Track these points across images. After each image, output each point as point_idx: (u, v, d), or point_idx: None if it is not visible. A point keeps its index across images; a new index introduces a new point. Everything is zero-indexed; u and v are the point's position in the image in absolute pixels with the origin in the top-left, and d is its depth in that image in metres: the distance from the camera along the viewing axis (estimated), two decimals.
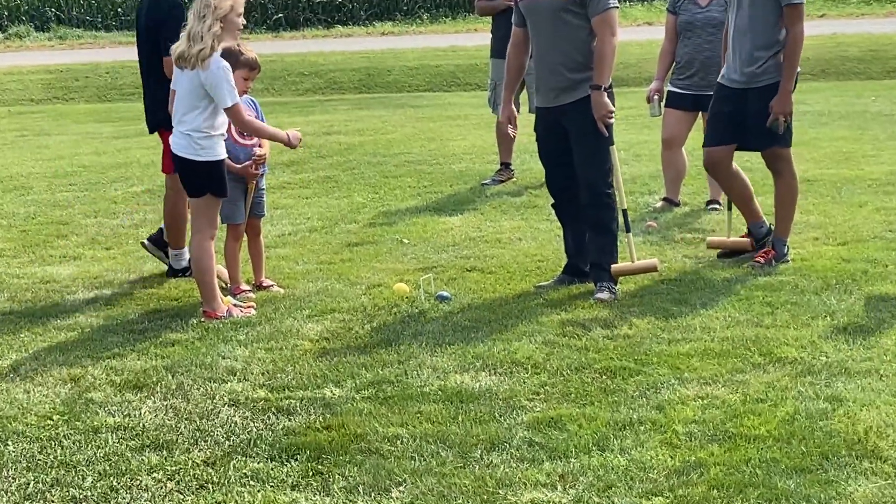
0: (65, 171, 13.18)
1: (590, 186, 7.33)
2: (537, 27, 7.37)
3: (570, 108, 7.34)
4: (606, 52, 7.17)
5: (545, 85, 7.42)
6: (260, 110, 7.71)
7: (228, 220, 7.54)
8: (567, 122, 7.37)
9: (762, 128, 7.65)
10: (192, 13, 6.87)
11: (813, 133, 13.69)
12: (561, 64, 7.30)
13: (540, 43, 7.38)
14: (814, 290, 7.11)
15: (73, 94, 23.26)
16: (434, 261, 8.35)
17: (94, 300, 7.55)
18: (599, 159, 7.30)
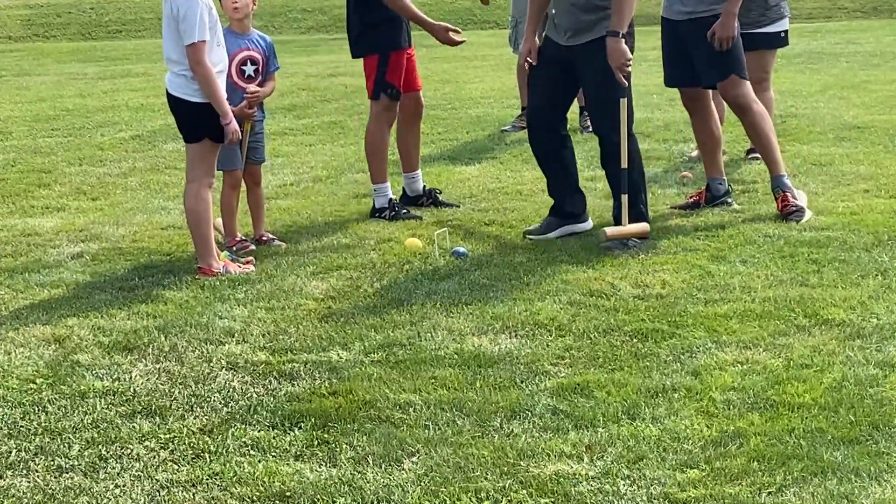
0: (46, 114, 13.19)
1: (602, 134, 7.49)
2: None
3: (581, 49, 7.40)
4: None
5: (559, 23, 7.49)
6: (272, 52, 7.69)
7: (225, 166, 7.54)
8: (580, 64, 7.44)
9: (708, 61, 7.78)
10: None
11: (864, 75, 13.62)
12: (574, 3, 7.37)
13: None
14: (864, 247, 7.09)
15: (55, 31, 23.24)
16: (449, 213, 8.35)
17: (80, 255, 7.57)
18: (608, 102, 7.36)
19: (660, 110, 11.95)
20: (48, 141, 11.60)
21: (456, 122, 11.94)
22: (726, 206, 8.09)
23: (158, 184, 9.63)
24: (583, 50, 7.39)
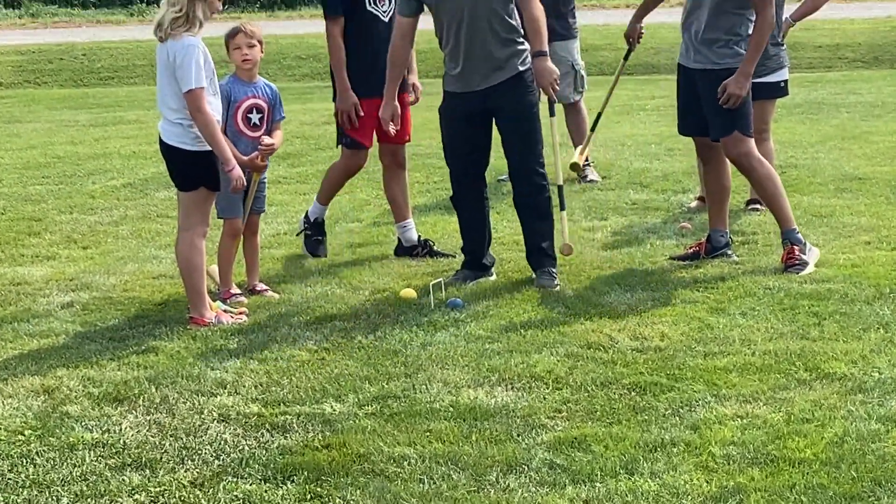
0: (37, 162, 13.22)
1: (527, 172, 7.69)
2: (458, 8, 7.52)
3: (500, 88, 7.60)
4: (540, 17, 7.48)
5: (470, 69, 7.60)
6: (279, 101, 7.73)
7: (226, 214, 7.58)
8: (496, 105, 7.63)
9: (716, 114, 7.81)
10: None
11: (865, 126, 13.69)
12: (493, 41, 7.54)
13: (462, 25, 7.55)
14: (865, 300, 7.11)
15: (47, 77, 23.33)
16: (445, 264, 8.36)
17: (70, 304, 7.57)
18: (534, 140, 7.63)
19: (658, 160, 12.00)
20: (39, 189, 11.63)
21: None
22: (726, 258, 8.11)
23: (150, 232, 9.65)
24: (504, 87, 7.59)
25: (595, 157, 11.77)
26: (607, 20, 25.13)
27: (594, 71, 19.77)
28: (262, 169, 7.62)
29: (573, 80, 11.14)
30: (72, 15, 31.59)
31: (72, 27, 29.55)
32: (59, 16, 31.55)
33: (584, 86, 11.32)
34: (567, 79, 11.07)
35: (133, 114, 17.54)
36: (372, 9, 8.42)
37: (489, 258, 7.99)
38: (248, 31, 7.58)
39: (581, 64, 11.22)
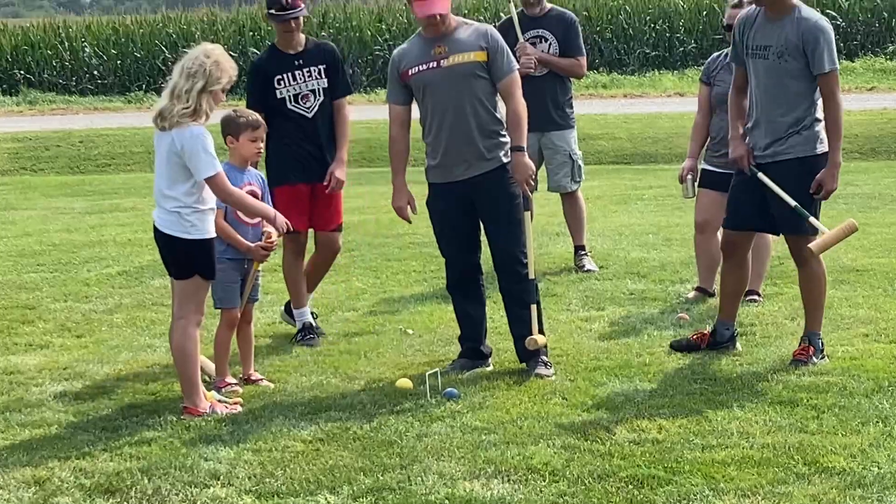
0: (32, 249, 13.25)
1: (511, 262, 7.75)
2: (443, 97, 7.65)
3: (483, 179, 7.69)
4: (522, 112, 7.63)
5: (454, 158, 7.71)
6: (266, 188, 7.81)
7: (223, 304, 7.60)
8: (479, 196, 7.71)
9: (786, 211, 7.74)
10: (178, 69, 6.95)
11: (862, 218, 13.72)
12: (476, 132, 7.64)
13: (447, 115, 7.67)
14: (864, 393, 7.10)
15: (43, 164, 23.43)
16: (441, 354, 8.36)
17: (63, 394, 7.56)
18: (518, 231, 7.70)
19: (656, 250, 12.04)
20: (33, 276, 11.64)
21: None
22: (728, 351, 8.09)
23: (145, 321, 9.65)
24: (486, 179, 7.68)
25: (592, 246, 11.81)
26: (604, 110, 25.31)
27: (591, 160, 19.87)
28: (264, 258, 7.66)
29: (571, 169, 11.20)
30: (69, 102, 31.75)
31: (69, 114, 29.71)
32: (56, 103, 31.71)
33: (582, 175, 11.38)
34: (564, 168, 11.14)
35: (129, 201, 17.60)
36: (294, 107, 8.71)
37: (486, 348, 8.00)
38: (264, 125, 7.69)
39: (578, 154, 11.29)
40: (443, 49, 7.60)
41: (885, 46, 32.68)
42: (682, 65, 32.47)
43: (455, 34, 7.65)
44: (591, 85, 29.74)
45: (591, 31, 32.30)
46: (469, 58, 7.60)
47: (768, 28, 7.72)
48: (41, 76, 33.33)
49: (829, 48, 7.63)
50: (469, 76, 7.61)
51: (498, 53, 7.61)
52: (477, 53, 7.60)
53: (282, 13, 8.66)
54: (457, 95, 7.61)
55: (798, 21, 7.64)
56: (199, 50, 6.99)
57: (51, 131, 25.41)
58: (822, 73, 7.63)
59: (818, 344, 7.89)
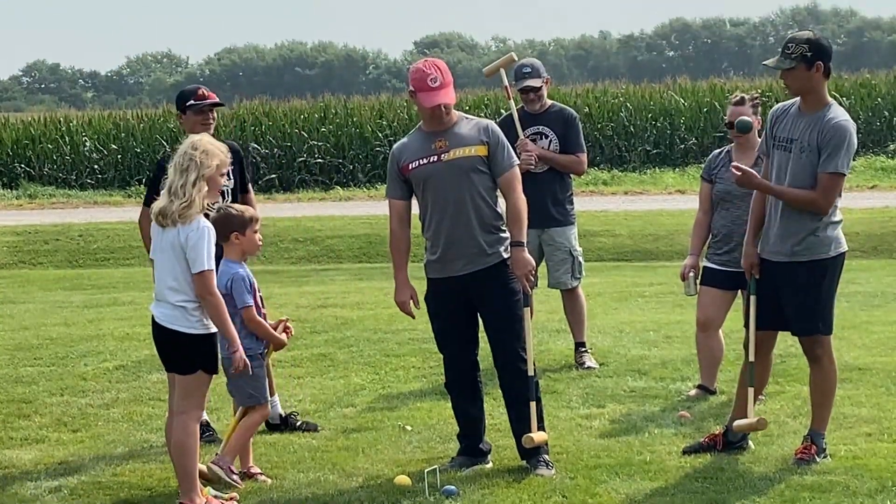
0: (29, 343, 13.25)
1: (512, 359, 7.76)
2: (444, 191, 7.70)
3: (483, 274, 7.71)
4: (523, 208, 7.68)
5: (453, 253, 7.74)
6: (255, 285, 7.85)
7: (257, 400, 7.71)
8: (478, 292, 7.75)
9: (802, 311, 7.76)
10: (172, 166, 7.04)
11: (864, 316, 13.76)
12: (477, 227, 7.69)
13: (447, 209, 7.72)
14: (867, 493, 7.08)
15: (42, 258, 23.50)
16: (440, 451, 8.33)
17: (58, 489, 7.53)
18: (519, 327, 7.72)
19: (656, 347, 12.04)
20: (30, 370, 11.63)
21: None
22: (745, 451, 8.04)
23: (142, 416, 9.63)
24: (486, 275, 7.71)
25: (593, 343, 11.81)
26: (605, 206, 25.43)
27: (592, 257, 19.93)
28: (283, 345, 7.80)
29: (571, 266, 11.24)
30: (69, 196, 31.95)
31: (69, 208, 29.87)
32: (56, 196, 31.91)
33: (582, 272, 11.41)
34: (565, 265, 11.18)
35: (128, 295, 17.63)
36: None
37: (485, 444, 7.98)
38: (259, 219, 7.78)
39: (579, 250, 11.33)
40: (443, 143, 7.67)
41: (886, 145, 32.96)
42: (683, 162, 32.71)
43: (456, 128, 7.72)
44: (592, 182, 29.92)
45: (591, 127, 32.59)
46: (470, 152, 7.66)
47: (798, 121, 7.74)
48: (41, 170, 33.57)
49: (844, 152, 7.61)
50: (470, 171, 7.66)
51: (499, 148, 7.68)
52: (478, 148, 7.67)
53: (202, 102, 8.81)
54: (457, 190, 7.66)
55: (825, 120, 7.65)
56: (187, 144, 7.09)
57: (50, 225, 25.52)
58: (826, 171, 7.63)
59: (821, 444, 7.86)
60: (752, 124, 9.14)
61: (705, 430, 8.62)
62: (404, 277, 7.97)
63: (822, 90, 7.74)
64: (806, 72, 7.62)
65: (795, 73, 7.64)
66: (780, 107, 7.97)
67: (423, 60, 7.73)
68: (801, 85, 7.68)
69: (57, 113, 40.06)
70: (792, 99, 7.89)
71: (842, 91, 33.66)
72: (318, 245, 23.52)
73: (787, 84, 7.76)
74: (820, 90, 7.72)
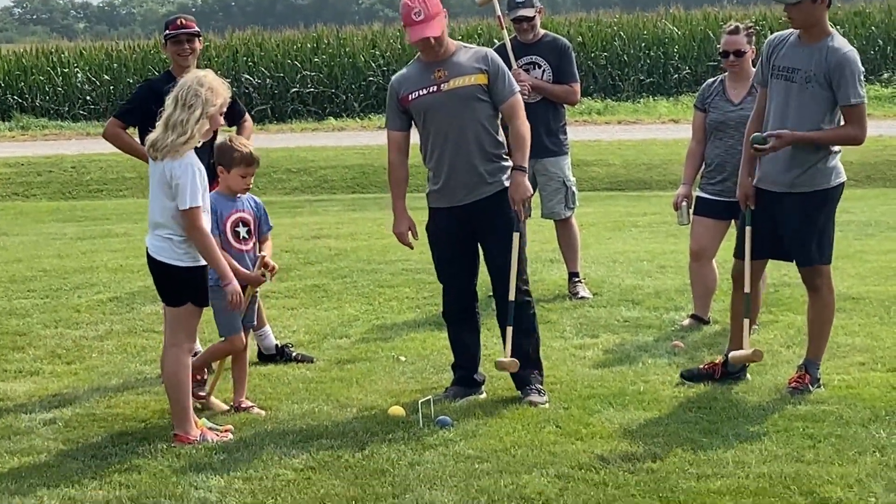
0: (23, 275, 13.21)
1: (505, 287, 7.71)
2: (444, 121, 7.65)
3: (485, 203, 7.69)
4: (526, 134, 7.63)
5: (455, 182, 7.70)
6: (265, 213, 7.80)
7: (228, 331, 7.62)
8: (479, 222, 7.72)
9: (802, 241, 7.73)
10: (172, 99, 6.95)
11: (858, 245, 13.75)
12: (478, 156, 7.65)
13: (449, 139, 7.67)
14: (861, 422, 7.09)
15: (35, 189, 23.43)
16: (434, 381, 8.34)
17: (52, 421, 7.53)
18: (519, 256, 7.67)
19: (650, 277, 12.02)
20: (24, 303, 11.61)
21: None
22: (741, 381, 8.04)
23: (136, 347, 9.62)
24: (489, 203, 7.68)
25: (586, 273, 11.80)
26: (598, 136, 25.35)
27: (585, 187, 19.90)
28: (260, 283, 7.66)
29: (564, 196, 11.20)
30: (61, 127, 31.78)
31: (61, 139, 29.72)
32: (48, 128, 31.74)
33: (576, 202, 11.38)
34: (558, 195, 11.14)
35: (121, 227, 17.59)
36: None
37: (480, 375, 7.98)
38: (258, 161, 7.70)
39: (572, 180, 11.29)
40: (442, 73, 7.59)
41: (881, 74, 32.86)
42: (677, 91, 32.60)
43: (455, 58, 7.64)
44: (585, 111, 29.80)
45: (585, 57, 32.41)
46: (469, 81, 7.59)
47: (799, 52, 7.67)
48: (33, 102, 33.38)
49: (856, 80, 7.60)
50: (470, 99, 7.60)
51: (499, 76, 7.60)
52: (478, 77, 7.60)
53: (178, 32, 8.70)
54: (458, 119, 7.61)
55: (829, 50, 7.59)
56: (192, 79, 6.97)
57: (42, 157, 25.42)
58: (848, 104, 7.62)
59: (815, 373, 7.86)
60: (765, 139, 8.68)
61: (699, 360, 8.63)
62: (402, 208, 7.93)
63: (824, 21, 7.68)
64: (811, 5, 7.54)
65: (801, 7, 7.56)
66: (777, 36, 7.89)
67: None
68: (805, 18, 7.61)
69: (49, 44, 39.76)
70: (790, 30, 7.81)
71: (836, 20, 33.48)
72: (311, 176, 23.45)
73: (791, 17, 7.67)
74: (823, 21, 7.66)
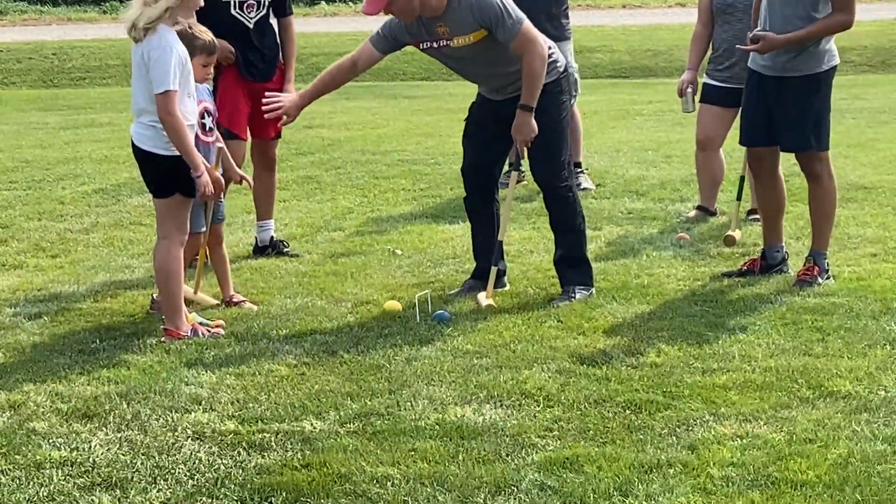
0: (4, 166, 13.20)
1: (547, 184, 7.74)
2: (464, 69, 7.73)
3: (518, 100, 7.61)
4: (536, 70, 7.45)
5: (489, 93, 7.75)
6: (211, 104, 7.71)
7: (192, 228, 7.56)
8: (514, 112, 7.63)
9: (798, 128, 7.72)
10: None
11: (871, 133, 13.73)
12: (502, 80, 7.62)
13: (476, 78, 7.80)
14: (871, 314, 7.12)
15: (15, 77, 23.32)
16: (432, 275, 8.36)
17: (38, 315, 7.55)
18: (552, 151, 7.64)
19: (655, 167, 12.02)
20: (6, 194, 11.61)
21: (439, 178, 11.97)
22: (783, 274, 8.05)
23: (122, 240, 9.63)
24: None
25: (589, 163, 11.79)
26: (602, 21, 25.18)
27: (588, 74, 19.81)
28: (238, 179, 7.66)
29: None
30: (41, 12, 31.56)
31: (41, 25, 29.55)
32: (28, 13, 31.54)
33: (578, 89, 11.30)
34: None
35: (106, 116, 17.53)
36: (237, 13, 8.65)
37: (501, 265, 7.94)
38: (220, 49, 7.61)
39: (574, 66, 11.23)
40: (445, 29, 7.44)
41: None
42: None
43: (450, 13, 7.39)
44: None
45: None
46: (471, 39, 7.42)
47: None
48: None
49: None
50: (480, 51, 7.48)
51: (495, 25, 7.38)
52: (476, 33, 7.39)
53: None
54: (475, 66, 7.60)
55: None
56: None
57: (23, 43, 25.26)
58: None
59: (823, 264, 7.89)
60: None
61: (705, 252, 8.66)
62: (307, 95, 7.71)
63: None
64: None
65: None
66: None
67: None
68: None
69: None
70: None
71: None
72: (302, 63, 23.21)
73: None
74: None
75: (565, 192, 7.71)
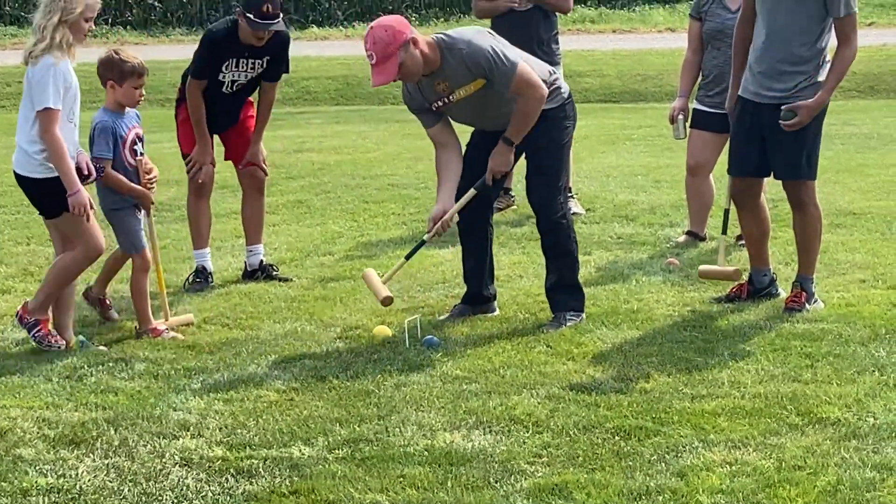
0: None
1: (541, 208, 7.72)
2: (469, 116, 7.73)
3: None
4: (531, 111, 7.46)
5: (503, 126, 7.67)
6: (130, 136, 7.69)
7: (133, 249, 7.61)
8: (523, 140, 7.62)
9: (791, 155, 7.73)
10: (40, 7, 7.11)
11: (860, 158, 13.76)
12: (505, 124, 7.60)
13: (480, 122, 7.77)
14: (860, 341, 7.12)
15: (4, 100, 23.28)
16: (421, 300, 8.35)
17: (25, 340, 7.53)
18: (550, 176, 7.66)
19: (645, 192, 12.03)
20: None
21: (429, 203, 11.93)
22: (771, 298, 8.06)
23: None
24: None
25: (579, 188, 11.80)
26: (592, 46, 25.23)
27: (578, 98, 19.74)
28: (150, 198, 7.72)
29: None
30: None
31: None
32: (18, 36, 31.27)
33: None
34: None
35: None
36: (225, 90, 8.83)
37: (490, 291, 7.96)
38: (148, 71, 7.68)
39: None
40: (444, 85, 7.48)
41: None
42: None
43: (446, 67, 7.42)
44: (579, 20, 29.62)
45: None
46: (472, 89, 7.46)
47: None
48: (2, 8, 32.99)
49: None
50: (481, 97, 7.50)
51: (489, 72, 7.38)
52: (476, 83, 7.44)
53: (262, 22, 8.48)
54: (480, 113, 7.63)
55: None
56: None
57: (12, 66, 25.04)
58: (838, 16, 7.56)
59: (811, 289, 7.89)
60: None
61: (693, 278, 8.65)
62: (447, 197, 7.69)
63: None
64: None
65: None
66: None
67: (368, 28, 7.42)
68: None
69: None
70: None
71: None
72: (293, 87, 23.31)
73: None
74: None
75: (560, 217, 7.71)
